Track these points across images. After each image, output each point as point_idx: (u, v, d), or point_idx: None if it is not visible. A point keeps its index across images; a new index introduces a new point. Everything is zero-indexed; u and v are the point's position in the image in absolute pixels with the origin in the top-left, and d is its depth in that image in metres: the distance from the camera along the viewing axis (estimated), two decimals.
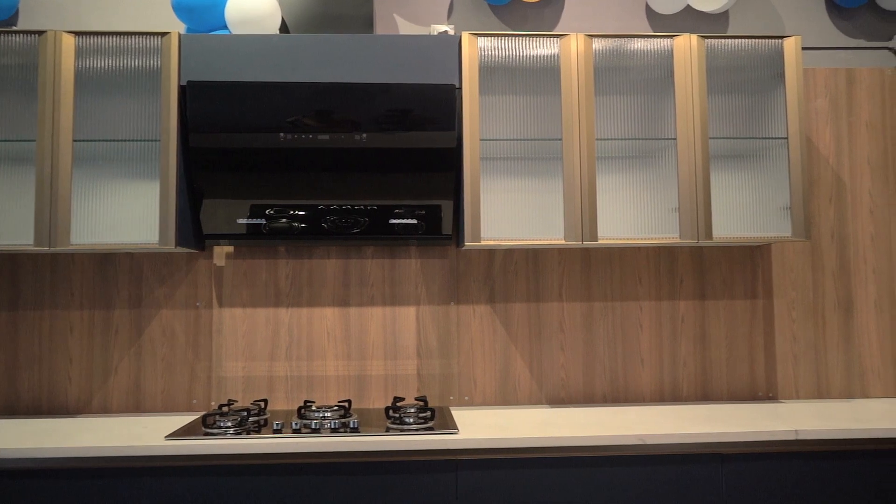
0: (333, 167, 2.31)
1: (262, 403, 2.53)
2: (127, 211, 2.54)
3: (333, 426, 2.13)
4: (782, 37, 2.45)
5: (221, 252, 2.63)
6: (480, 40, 2.39)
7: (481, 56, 2.40)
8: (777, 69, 2.49)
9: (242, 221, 2.35)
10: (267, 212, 2.34)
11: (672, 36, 2.42)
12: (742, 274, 2.72)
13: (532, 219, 2.62)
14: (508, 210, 2.63)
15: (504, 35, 2.39)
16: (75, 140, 2.32)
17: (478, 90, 2.36)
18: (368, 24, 2.64)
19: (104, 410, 2.57)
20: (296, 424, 2.13)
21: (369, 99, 2.30)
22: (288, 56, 2.32)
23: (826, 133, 2.78)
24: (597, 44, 2.42)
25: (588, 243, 2.35)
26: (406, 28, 2.76)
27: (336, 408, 2.34)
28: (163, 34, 2.31)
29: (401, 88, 2.31)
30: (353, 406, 2.61)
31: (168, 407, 2.58)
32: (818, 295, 2.73)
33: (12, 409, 2.55)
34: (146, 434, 2.14)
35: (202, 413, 2.54)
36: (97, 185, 2.53)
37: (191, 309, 2.60)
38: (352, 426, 2.14)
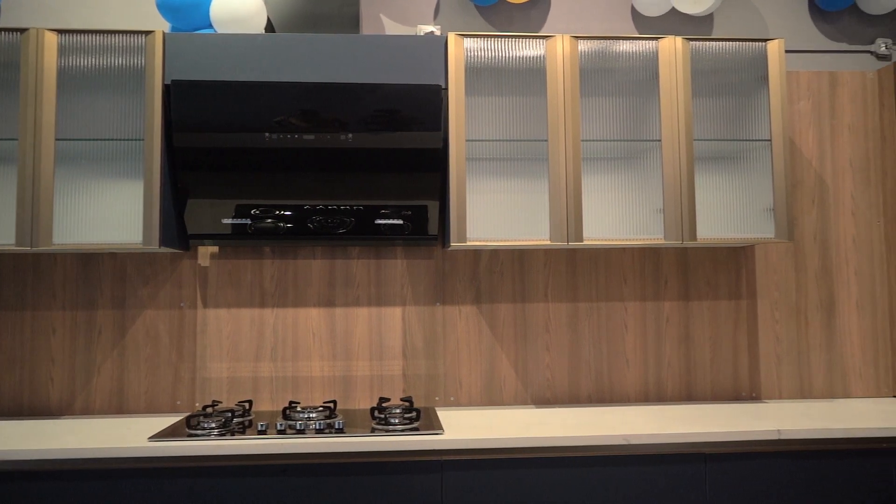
0: (319, 167, 2.31)
1: (247, 404, 2.51)
2: (110, 211, 2.52)
3: (318, 427, 2.12)
4: (766, 40, 2.47)
5: (206, 252, 2.61)
6: (467, 41, 2.39)
7: (467, 57, 2.41)
8: (761, 72, 2.51)
9: (227, 221, 2.34)
10: (252, 212, 2.33)
11: (657, 38, 2.44)
12: (726, 275, 2.74)
13: (518, 219, 2.63)
14: (494, 210, 2.63)
15: (490, 36, 2.39)
16: (58, 139, 2.30)
17: (464, 91, 2.36)
18: (355, 24, 2.64)
19: (87, 412, 2.54)
20: (280, 425, 2.13)
21: (355, 99, 2.29)
22: (273, 56, 2.31)
23: (809, 135, 2.81)
24: (582, 45, 2.43)
25: (573, 244, 2.36)
26: (392, 28, 2.76)
27: (321, 408, 2.33)
28: (147, 33, 2.29)
29: (387, 89, 2.30)
30: (339, 407, 2.60)
31: (152, 408, 2.56)
32: (801, 296, 2.76)
33: None
34: (129, 435, 2.13)
35: (186, 414, 2.52)
36: (80, 185, 2.51)
37: (175, 309, 2.59)
38: (337, 427, 2.14)
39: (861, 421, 2.23)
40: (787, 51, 2.86)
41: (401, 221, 2.38)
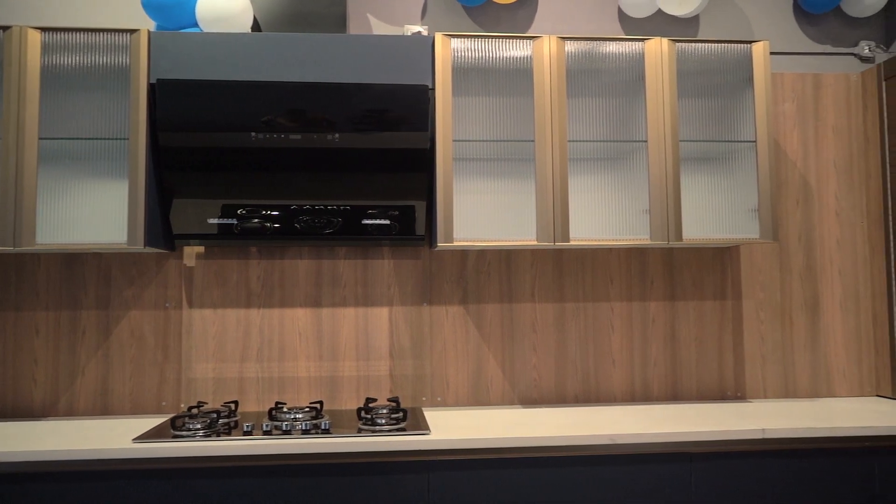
0: (306, 167, 2.30)
1: (233, 405, 2.50)
2: (94, 210, 2.50)
3: (305, 428, 2.12)
4: (751, 42, 2.49)
5: (192, 252, 2.60)
6: (454, 41, 2.39)
7: (454, 57, 2.41)
8: (746, 73, 2.53)
9: (213, 221, 2.32)
10: (239, 212, 2.32)
11: (643, 39, 2.45)
12: (711, 275, 2.76)
13: (504, 220, 2.63)
14: (481, 211, 2.63)
15: (477, 36, 2.40)
16: (41, 138, 2.28)
17: (451, 91, 2.36)
18: (342, 24, 2.63)
19: (70, 413, 2.52)
20: (266, 426, 2.12)
21: (342, 99, 2.29)
22: (260, 55, 2.30)
23: (793, 137, 2.83)
24: (569, 46, 2.43)
25: (560, 244, 2.37)
26: (379, 28, 2.76)
27: (307, 409, 2.32)
28: (132, 31, 2.28)
29: (374, 89, 2.30)
30: (325, 407, 2.59)
31: (136, 409, 2.54)
32: (785, 296, 2.78)
33: None
34: (114, 437, 2.11)
35: (171, 415, 2.51)
36: (64, 184, 2.49)
37: (160, 310, 2.57)
38: (323, 427, 2.13)
39: (844, 420, 2.25)
40: (772, 53, 2.88)
41: (388, 221, 2.38)
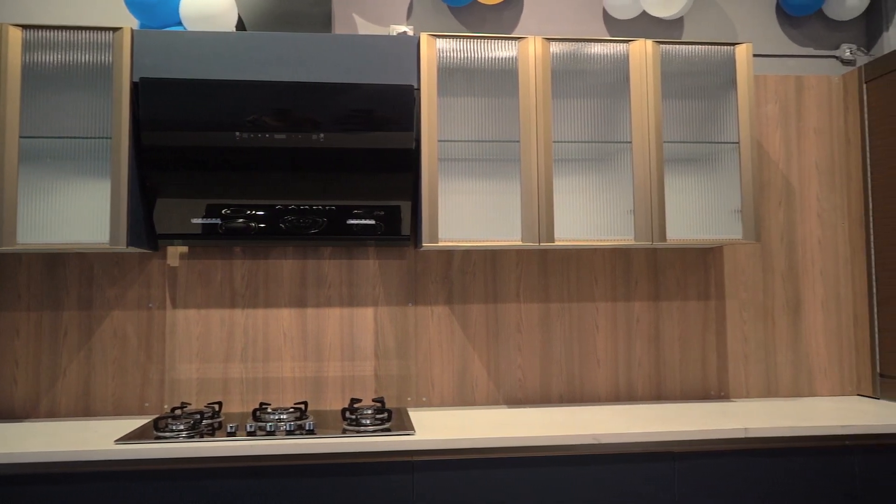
0: (291, 167, 2.29)
1: (217, 406, 2.49)
2: (77, 210, 2.48)
3: (289, 428, 2.11)
4: (734, 44, 2.51)
5: (175, 252, 2.58)
6: (439, 41, 2.39)
7: (440, 57, 2.41)
8: (729, 75, 2.55)
9: (197, 221, 2.31)
10: (223, 211, 2.31)
11: (628, 41, 2.46)
12: (695, 275, 2.77)
13: (490, 220, 2.63)
14: (466, 211, 2.63)
15: (463, 37, 2.40)
16: (22, 136, 2.26)
17: (436, 91, 2.36)
18: (327, 24, 2.62)
19: (52, 414, 2.50)
20: (251, 427, 2.11)
21: (327, 98, 2.28)
22: (244, 54, 2.29)
23: (776, 138, 2.85)
24: (554, 47, 2.44)
25: (545, 244, 2.37)
26: (365, 28, 2.75)
27: (292, 410, 2.31)
28: (115, 29, 2.26)
29: (359, 88, 2.30)
30: (310, 408, 2.58)
31: (119, 410, 2.52)
32: (768, 296, 2.80)
33: None
34: (96, 438, 2.09)
35: (154, 416, 2.49)
36: (45, 184, 2.47)
37: (143, 310, 2.55)
38: (308, 428, 2.12)
39: (825, 419, 2.27)
40: (755, 55, 2.91)
41: (373, 222, 2.37)
